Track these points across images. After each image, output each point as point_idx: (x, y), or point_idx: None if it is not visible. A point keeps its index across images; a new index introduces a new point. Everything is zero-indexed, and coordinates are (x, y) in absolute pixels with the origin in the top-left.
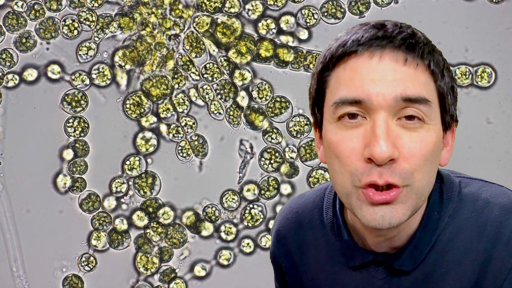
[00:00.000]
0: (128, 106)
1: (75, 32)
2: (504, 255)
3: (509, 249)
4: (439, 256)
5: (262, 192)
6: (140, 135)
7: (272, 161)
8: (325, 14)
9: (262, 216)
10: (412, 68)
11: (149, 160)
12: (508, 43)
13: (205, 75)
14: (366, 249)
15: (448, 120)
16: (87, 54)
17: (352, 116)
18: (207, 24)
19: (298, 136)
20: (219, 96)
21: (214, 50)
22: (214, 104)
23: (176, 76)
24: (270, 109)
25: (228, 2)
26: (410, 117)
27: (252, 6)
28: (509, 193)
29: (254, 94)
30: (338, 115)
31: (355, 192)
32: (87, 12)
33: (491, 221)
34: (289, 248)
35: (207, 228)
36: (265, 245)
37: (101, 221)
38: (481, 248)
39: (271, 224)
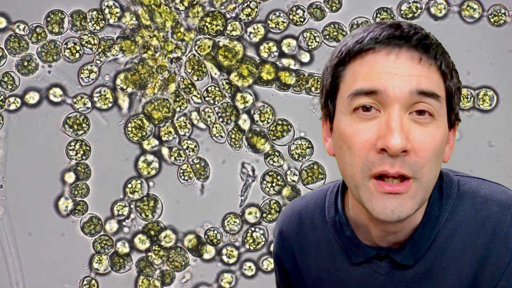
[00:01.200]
0: (129, 129)
1: (77, 55)
2: (502, 250)
3: (507, 244)
4: (439, 251)
5: (264, 215)
6: (142, 158)
7: (273, 184)
8: (327, 37)
9: (264, 239)
10: (426, 67)
11: (150, 183)
12: (510, 66)
13: (207, 98)
14: (368, 244)
15: (453, 118)
16: (88, 77)
17: (366, 109)
18: (208, 47)
19: (300, 159)
20: (220, 119)
21: (215, 73)
22: (216, 127)
23: (177, 99)
24: (271, 132)
25: (230, 25)
26: (421, 113)
27: (254, 29)
28: (507, 190)
29: (256, 117)
30: (353, 106)
31: (365, 184)
32: (89, 35)
33: (489, 217)
34: (292, 249)
35: (209, 251)
36: (266, 268)
37: (102, 244)
38: (479, 243)
39: (272, 247)
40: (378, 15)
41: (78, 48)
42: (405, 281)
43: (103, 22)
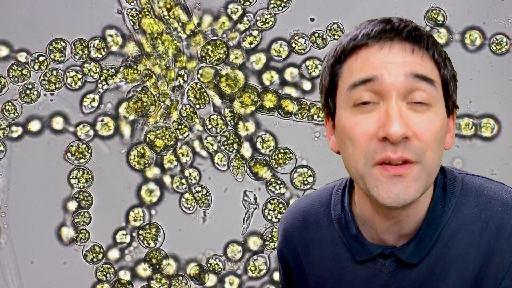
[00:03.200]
0: (132, 157)
1: (79, 83)
2: (506, 249)
3: (511, 243)
4: (442, 249)
5: (266, 243)
6: (144, 186)
7: (276, 212)
8: None
9: (266, 267)
10: (419, 57)
11: (152, 211)
12: (511, 94)
13: (209, 126)
14: (374, 243)
15: (451, 106)
16: (91, 105)
17: (366, 103)
18: (211, 75)
19: (302, 187)
20: (223, 147)
21: (218, 101)
22: (218, 155)
23: (180, 127)
24: (274, 160)
25: (232, 53)
26: (417, 103)
27: (256, 57)
28: (511, 190)
29: (258, 145)
30: (353, 99)
31: (370, 171)
32: (91, 63)
33: (493, 217)
34: (296, 247)
35: (211, 279)
36: None
37: (105, 273)
38: (483, 242)
39: (275, 275)
40: None
41: (80, 76)
42: (409, 280)
43: (105, 50)
